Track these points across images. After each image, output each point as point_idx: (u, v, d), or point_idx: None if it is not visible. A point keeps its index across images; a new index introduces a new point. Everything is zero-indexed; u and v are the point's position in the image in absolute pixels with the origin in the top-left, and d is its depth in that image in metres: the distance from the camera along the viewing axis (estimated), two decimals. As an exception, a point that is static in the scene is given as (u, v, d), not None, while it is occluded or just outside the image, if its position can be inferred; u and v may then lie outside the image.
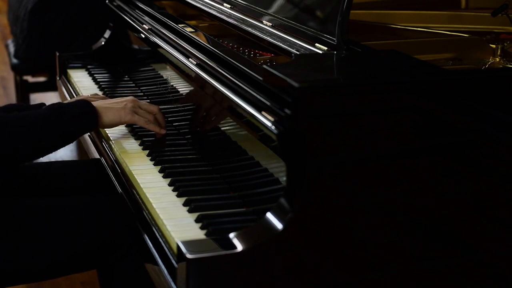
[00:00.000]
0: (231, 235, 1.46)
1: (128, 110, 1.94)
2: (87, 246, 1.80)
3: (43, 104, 2.08)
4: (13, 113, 1.81)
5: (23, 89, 4.23)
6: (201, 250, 1.43)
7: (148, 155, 1.97)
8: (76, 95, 2.54)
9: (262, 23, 2.05)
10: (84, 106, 1.89)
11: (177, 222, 1.62)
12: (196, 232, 1.58)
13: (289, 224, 1.45)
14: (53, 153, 1.96)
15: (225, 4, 2.32)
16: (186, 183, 1.79)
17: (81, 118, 1.87)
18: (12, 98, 4.92)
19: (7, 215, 1.80)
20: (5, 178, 1.97)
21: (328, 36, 1.77)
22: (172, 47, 2.10)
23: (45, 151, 1.85)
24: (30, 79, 4.17)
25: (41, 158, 2.01)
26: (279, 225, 1.45)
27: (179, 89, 2.16)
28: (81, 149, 3.71)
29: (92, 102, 1.92)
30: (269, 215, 1.47)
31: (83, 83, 2.57)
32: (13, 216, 1.80)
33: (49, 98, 5.00)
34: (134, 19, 2.48)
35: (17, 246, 1.77)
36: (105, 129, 2.13)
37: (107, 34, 2.82)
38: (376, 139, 1.51)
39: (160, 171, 1.87)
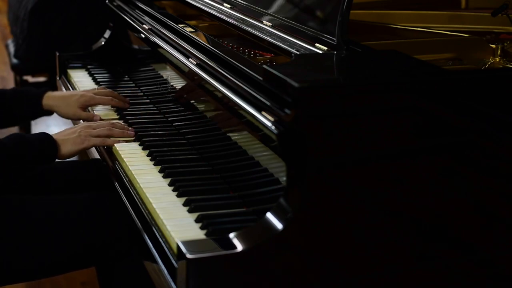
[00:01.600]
0: (231, 235, 1.46)
1: (83, 137, 1.97)
2: (87, 242, 1.81)
3: (45, 90, 2.20)
4: None
5: (23, 89, 4.23)
6: (201, 250, 1.43)
7: (148, 155, 1.97)
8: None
9: (262, 23, 2.05)
10: (45, 140, 1.92)
11: (177, 222, 1.62)
12: (196, 232, 1.58)
13: (289, 224, 1.45)
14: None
15: (225, 4, 2.32)
16: (186, 183, 1.79)
17: (42, 152, 1.90)
18: (12, 98, 4.90)
19: (6, 212, 1.80)
20: (5, 178, 1.97)
21: (328, 36, 1.77)
22: (172, 47, 2.10)
23: (4, 178, 1.91)
24: (30, 79, 4.17)
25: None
26: (279, 225, 1.45)
27: (179, 89, 2.16)
28: (81, 149, 3.71)
29: (53, 135, 1.95)
30: (269, 215, 1.47)
31: (83, 83, 2.57)
32: (12, 213, 1.81)
33: (49, 98, 4.99)
34: (134, 19, 2.48)
35: (16, 243, 1.77)
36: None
37: (107, 34, 2.82)
38: (376, 139, 1.51)
39: (160, 171, 1.87)
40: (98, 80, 2.63)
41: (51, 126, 4.66)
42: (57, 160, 1.97)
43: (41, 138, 1.92)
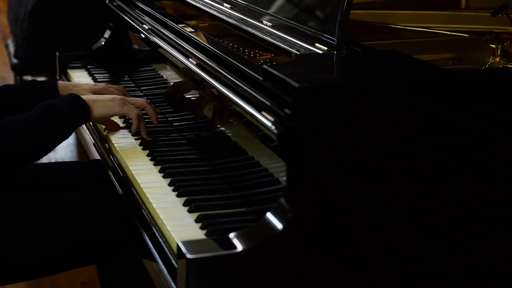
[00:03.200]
0: (231, 235, 1.46)
1: (117, 102, 1.96)
2: (85, 238, 1.81)
3: (56, 80, 2.16)
4: (6, 119, 1.82)
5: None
6: (201, 250, 1.43)
7: (148, 155, 1.97)
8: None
9: (262, 23, 2.05)
10: (74, 102, 1.90)
11: (177, 222, 1.62)
12: (196, 232, 1.58)
13: (289, 224, 1.45)
14: (53, 153, 1.97)
15: (225, 4, 2.32)
16: (186, 183, 1.79)
17: (72, 114, 1.88)
18: (12, 98, 4.91)
19: (5, 210, 1.80)
20: (5, 177, 1.97)
21: (328, 36, 1.77)
22: (172, 47, 2.10)
23: (42, 153, 1.86)
24: (30, 79, 4.17)
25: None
26: (279, 225, 1.45)
27: (179, 89, 2.16)
28: (81, 150, 3.71)
29: (82, 96, 1.93)
30: (269, 215, 1.47)
31: (83, 82, 2.56)
32: (11, 211, 1.81)
33: (49, 98, 5.00)
34: (134, 19, 2.48)
35: (16, 241, 1.77)
36: (105, 131, 2.13)
37: (107, 34, 2.82)
38: (376, 139, 1.51)
39: (160, 171, 1.87)
40: (98, 80, 2.63)
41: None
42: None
43: (71, 101, 1.89)
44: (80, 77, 2.68)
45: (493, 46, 2.03)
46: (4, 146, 1.76)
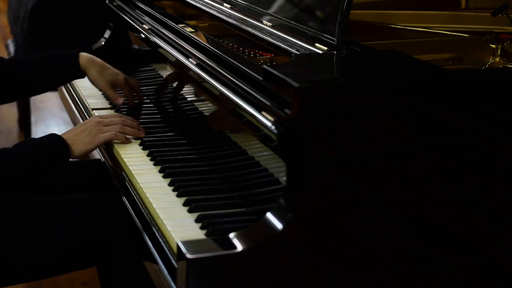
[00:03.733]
0: (231, 235, 1.46)
1: (93, 135, 1.94)
2: (87, 240, 1.81)
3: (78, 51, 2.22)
4: None
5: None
6: (201, 250, 1.43)
7: (148, 155, 1.97)
8: (77, 96, 2.54)
9: (262, 23, 2.05)
10: (56, 142, 1.88)
11: (177, 222, 1.62)
12: (196, 232, 1.58)
13: (289, 224, 1.44)
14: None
15: (225, 4, 2.32)
16: (186, 183, 1.79)
17: (54, 156, 1.86)
18: (12, 98, 4.91)
19: (6, 212, 1.80)
20: (18, 186, 1.97)
21: (328, 36, 1.77)
22: (172, 47, 2.10)
23: (18, 185, 1.86)
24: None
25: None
26: (279, 225, 1.45)
27: (179, 89, 2.16)
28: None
29: (61, 135, 1.91)
30: (269, 215, 1.47)
31: (83, 83, 2.56)
32: (12, 213, 1.81)
33: (49, 98, 5.01)
34: (134, 19, 2.48)
35: (17, 243, 1.77)
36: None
37: (107, 34, 2.82)
38: (375, 139, 1.51)
39: (160, 171, 1.87)
40: (98, 80, 2.62)
41: (51, 126, 4.67)
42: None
43: (51, 142, 1.88)
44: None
45: (493, 46, 2.03)
46: None
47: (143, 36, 2.35)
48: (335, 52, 1.74)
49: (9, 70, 2.20)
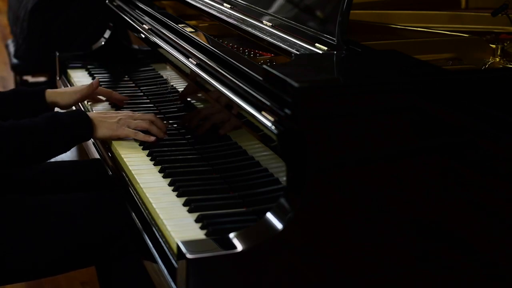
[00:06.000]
0: (231, 235, 1.46)
1: (120, 125, 1.98)
2: (87, 241, 1.81)
3: (45, 85, 2.16)
4: (9, 122, 1.83)
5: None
6: (201, 250, 1.43)
7: (148, 155, 1.97)
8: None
9: (262, 23, 2.05)
10: (80, 120, 1.91)
11: (177, 222, 1.62)
12: (196, 232, 1.58)
13: (289, 224, 1.44)
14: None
15: (225, 4, 2.32)
16: (186, 183, 1.79)
17: (76, 131, 1.90)
18: (12, 98, 4.91)
19: (6, 212, 1.80)
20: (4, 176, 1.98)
21: (328, 36, 1.77)
22: (172, 47, 2.10)
23: (35, 161, 1.89)
24: (30, 79, 4.17)
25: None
26: (279, 225, 1.45)
27: (179, 89, 2.16)
28: (81, 149, 3.71)
29: (88, 114, 1.94)
30: (269, 215, 1.47)
31: (83, 83, 2.56)
32: (12, 213, 1.81)
33: (49, 98, 4.99)
34: (134, 19, 2.48)
35: (17, 243, 1.77)
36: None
37: (107, 34, 2.82)
38: (376, 139, 1.51)
39: (160, 171, 1.87)
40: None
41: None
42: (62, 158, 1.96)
43: (76, 118, 1.91)
44: (80, 77, 2.68)
45: (493, 46, 2.03)
46: (1, 150, 1.79)
47: (143, 36, 2.35)
48: (335, 52, 1.74)
49: None
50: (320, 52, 1.76)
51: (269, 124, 1.51)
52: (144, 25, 2.36)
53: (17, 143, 1.81)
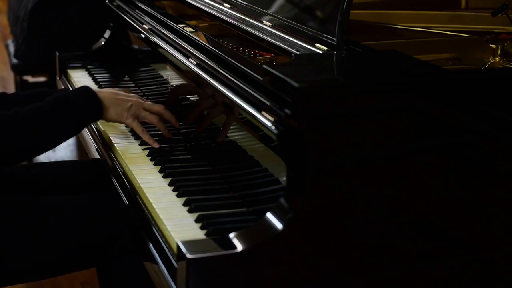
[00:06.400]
0: (231, 235, 1.46)
1: (131, 113, 1.94)
2: (87, 242, 1.81)
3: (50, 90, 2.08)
4: (15, 109, 1.80)
5: (23, 89, 4.23)
6: (201, 250, 1.43)
7: (148, 155, 1.97)
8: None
9: (262, 23, 2.05)
10: (90, 99, 1.87)
11: (177, 222, 1.62)
12: (196, 232, 1.58)
13: (289, 224, 1.44)
14: (53, 153, 1.96)
15: (225, 4, 2.32)
16: (186, 183, 1.79)
17: (87, 111, 1.86)
18: (12, 98, 4.91)
19: (6, 213, 1.80)
20: (4, 176, 1.97)
21: (328, 36, 1.77)
22: (172, 47, 2.10)
23: (50, 146, 1.84)
24: (30, 79, 4.17)
25: (40, 158, 2.01)
26: (279, 225, 1.45)
27: (178, 89, 2.16)
28: (81, 149, 3.71)
29: (98, 94, 1.90)
30: (269, 215, 1.47)
31: (83, 83, 2.56)
32: (12, 214, 1.81)
33: (49, 98, 4.99)
34: (134, 19, 2.48)
35: (17, 244, 1.77)
36: (105, 130, 2.13)
37: (107, 34, 2.82)
38: (376, 139, 1.51)
39: (160, 171, 1.87)
40: (98, 80, 2.63)
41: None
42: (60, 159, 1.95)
43: (86, 98, 1.85)
44: (80, 77, 2.68)
45: (493, 46, 2.03)
46: (4, 137, 1.75)
47: (143, 36, 2.35)
48: (335, 52, 1.74)
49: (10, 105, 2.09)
50: (320, 52, 1.76)
51: (269, 124, 1.51)
52: (144, 25, 2.36)
53: (23, 133, 1.76)
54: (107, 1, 2.81)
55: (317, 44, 1.79)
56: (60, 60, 2.78)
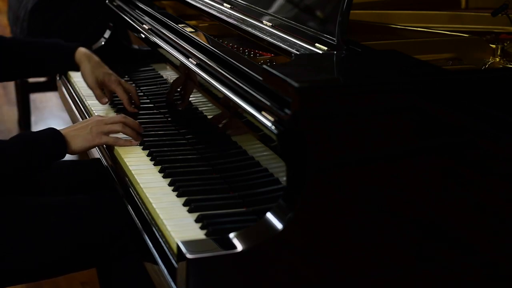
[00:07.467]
0: (231, 235, 1.46)
1: (95, 134, 1.93)
2: (87, 242, 1.81)
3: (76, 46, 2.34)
4: None
5: (23, 89, 4.24)
6: (201, 250, 1.43)
7: (148, 155, 1.97)
8: (76, 95, 2.54)
9: (262, 23, 2.05)
10: (54, 138, 1.88)
11: (177, 222, 1.62)
12: (196, 232, 1.58)
13: (289, 224, 1.44)
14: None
15: (225, 4, 2.32)
16: (186, 183, 1.79)
17: (50, 150, 1.86)
18: (12, 98, 4.92)
19: (5, 213, 1.80)
20: (12, 181, 1.97)
21: (328, 36, 1.77)
22: (172, 47, 2.10)
23: (10, 182, 1.90)
24: (30, 79, 4.17)
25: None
26: (279, 225, 1.45)
27: (179, 89, 2.16)
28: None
29: (60, 130, 1.91)
30: (269, 215, 1.47)
31: (83, 83, 2.56)
32: (12, 214, 1.81)
33: (49, 98, 5.01)
34: (134, 19, 2.48)
35: (17, 244, 1.77)
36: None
37: (107, 34, 2.82)
38: (375, 139, 1.51)
39: (160, 171, 1.87)
40: (98, 80, 2.62)
41: (51, 126, 4.66)
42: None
43: (48, 136, 1.87)
44: (80, 77, 2.67)
45: (493, 46, 2.03)
46: None
47: (143, 36, 2.35)
48: (335, 52, 1.74)
49: (8, 48, 2.30)
50: (320, 52, 1.76)
51: (269, 124, 1.51)
52: (144, 25, 2.36)
53: None
54: (107, 1, 2.81)
55: (317, 44, 1.79)
56: (60, 60, 2.77)
